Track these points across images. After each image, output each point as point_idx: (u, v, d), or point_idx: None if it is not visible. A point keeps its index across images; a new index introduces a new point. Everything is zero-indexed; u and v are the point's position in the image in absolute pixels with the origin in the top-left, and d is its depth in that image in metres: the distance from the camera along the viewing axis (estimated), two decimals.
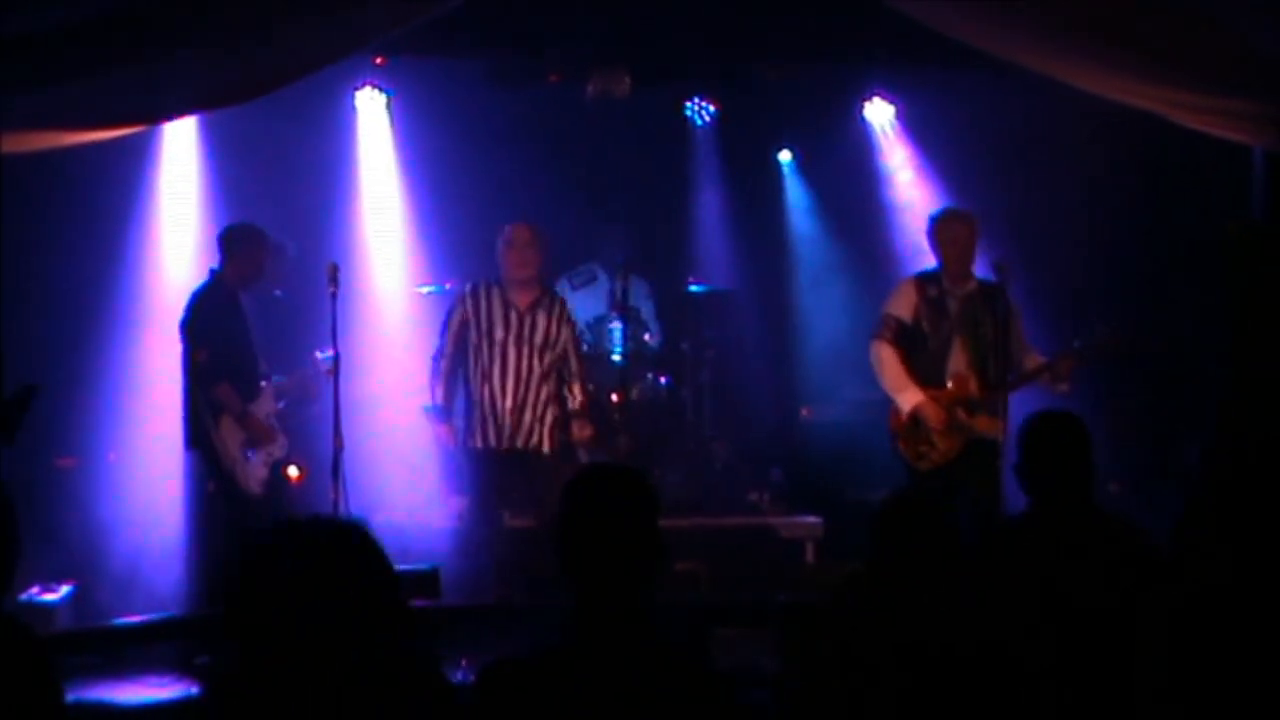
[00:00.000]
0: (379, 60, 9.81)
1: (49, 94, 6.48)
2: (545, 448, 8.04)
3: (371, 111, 10.23)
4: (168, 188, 9.43)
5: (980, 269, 7.83)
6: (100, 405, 8.71)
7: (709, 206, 11.35)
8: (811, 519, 9.36)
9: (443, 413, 8.08)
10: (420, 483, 9.34)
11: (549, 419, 8.05)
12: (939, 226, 7.87)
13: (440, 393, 8.07)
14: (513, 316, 7.98)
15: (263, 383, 8.12)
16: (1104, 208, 9.32)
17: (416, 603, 6.89)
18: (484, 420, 7.96)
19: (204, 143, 9.46)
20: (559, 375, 8.12)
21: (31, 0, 6.12)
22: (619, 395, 9.21)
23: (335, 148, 10.11)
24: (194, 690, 5.96)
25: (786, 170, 11.58)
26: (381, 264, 10.24)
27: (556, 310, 8.09)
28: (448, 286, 10.26)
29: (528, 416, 7.98)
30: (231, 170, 9.41)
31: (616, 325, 9.63)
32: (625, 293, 8.73)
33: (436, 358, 8.15)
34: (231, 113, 8.09)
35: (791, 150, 11.52)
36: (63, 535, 8.14)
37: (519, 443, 8.00)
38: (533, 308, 8.01)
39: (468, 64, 9.94)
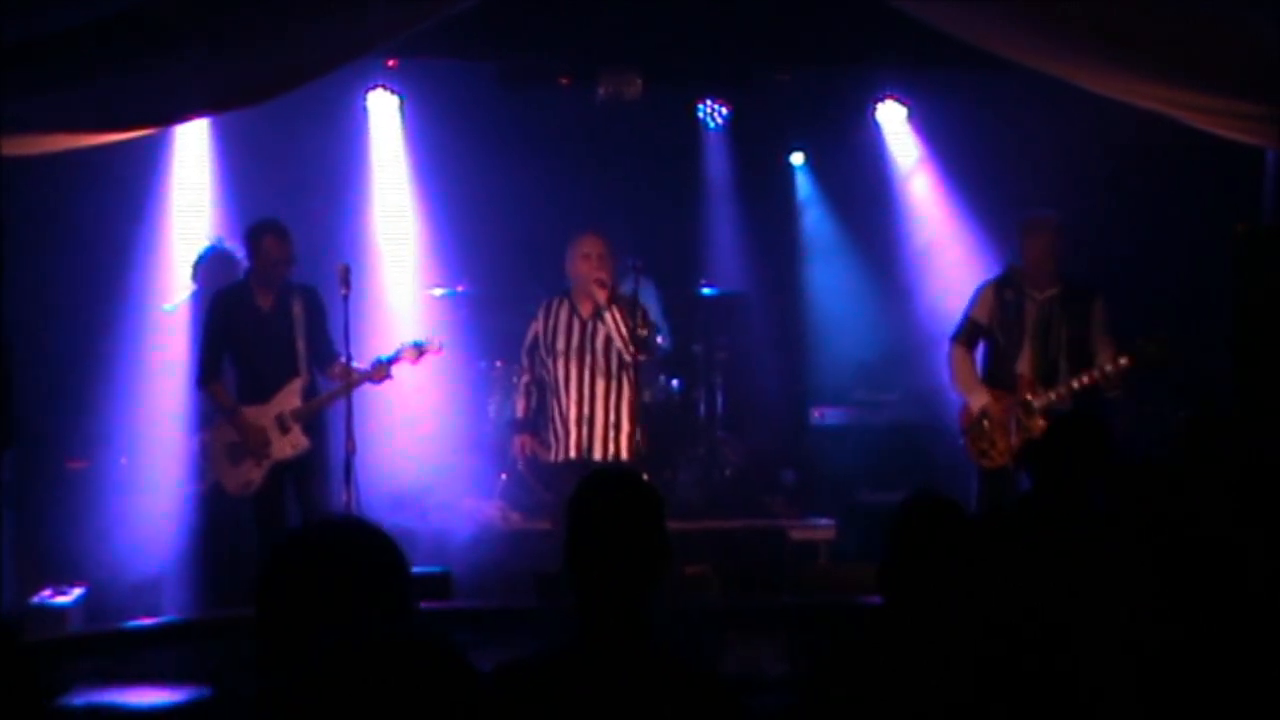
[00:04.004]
0: (391, 62, 9.85)
1: (60, 97, 6.50)
2: (625, 455, 7.82)
3: (383, 113, 10.26)
4: (179, 190, 9.44)
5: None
6: (112, 408, 8.70)
7: (721, 209, 11.33)
8: (823, 522, 9.35)
9: (518, 425, 8.15)
10: (432, 486, 9.36)
11: (624, 426, 7.85)
12: (1023, 231, 7.95)
13: (519, 406, 8.12)
14: (575, 325, 7.93)
15: (293, 381, 7.97)
16: (1114, 209, 9.29)
17: (427, 605, 6.87)
18: (556, 434, 7.94)
19: (216, 145, 9.47)
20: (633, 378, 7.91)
21: (41, 3, 6.13)
22: None
23: (347, 150, 10.13)
24: (205, 693, 5.94)
25: (799, 172, 11.57)
26: (393, 265, 10.25)
27: (619, 311, 7.83)
28: (459, 289, 10.28)
29: (598, 426, 7.84)
30: (243, 172, 9.42)
31: None
32: (636, 295, 8.70)
33: (518, 374, 8.29)
34: (243, 115, 8.11)
35: (804, 152, 11.50)
36: (74, 538, 8.14)
37: (595, 454, 7.83)
38: (595, 314, 7.89)
39: (479, 66, 9.93)
